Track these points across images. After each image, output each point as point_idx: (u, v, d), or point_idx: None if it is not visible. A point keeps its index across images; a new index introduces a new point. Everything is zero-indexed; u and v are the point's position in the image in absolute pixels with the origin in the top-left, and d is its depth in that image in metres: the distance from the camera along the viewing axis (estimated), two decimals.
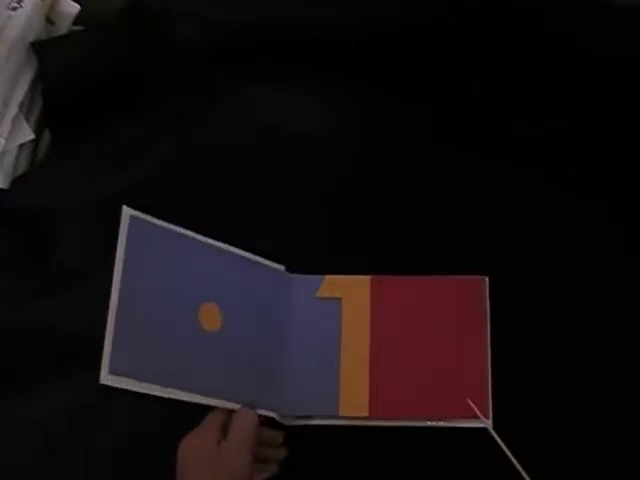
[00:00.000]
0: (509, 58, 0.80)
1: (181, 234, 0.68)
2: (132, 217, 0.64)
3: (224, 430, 0.62)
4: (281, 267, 0.73)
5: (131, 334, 0.62)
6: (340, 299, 0.72)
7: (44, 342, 0.74)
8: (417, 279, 0.72)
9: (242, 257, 0.71)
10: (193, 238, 0.68)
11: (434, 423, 0.69)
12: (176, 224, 0.76)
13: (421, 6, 0.82)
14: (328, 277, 0.73)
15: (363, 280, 0.73)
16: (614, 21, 0.79)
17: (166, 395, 0.62)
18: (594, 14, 0.80)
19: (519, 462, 0.67)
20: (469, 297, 0.71)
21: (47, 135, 0.85)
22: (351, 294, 0.72)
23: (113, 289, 0.62)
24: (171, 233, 0.67)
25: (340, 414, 0.69)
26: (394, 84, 0.82)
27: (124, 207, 0.63)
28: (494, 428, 0.68)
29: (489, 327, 0.71)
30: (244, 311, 0.69)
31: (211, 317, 0.67)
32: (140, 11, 0.85)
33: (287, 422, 0.69)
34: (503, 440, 0.67)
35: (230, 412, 0.63)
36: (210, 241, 0.69)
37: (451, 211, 0.77)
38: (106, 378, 0.60)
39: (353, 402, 0.69)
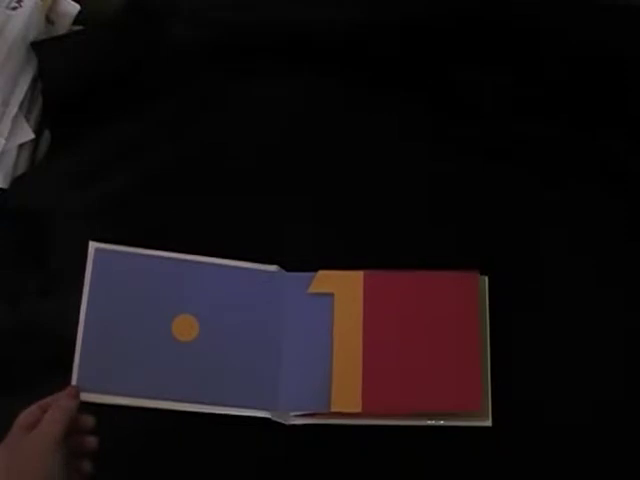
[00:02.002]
0: (509, 59, 0.81)
1: (151, 256, 0.72)
2: (97, 250, 0.71)
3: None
4: (273, 268, 0.73)
5: (98, 353, 0.68)
6: (333, 294, 0.72)
7: (44, 342, 0.74)
8: (410, 274, 0.72)
9: (223, 266, 0.72)
10: (164, 257, 0.72)
11: (434, 423, 0.69)
12: (176, 224, 0.76)
13: (421, 6, 0.82)
14: (320, 273, 0.73)
15: (356, 275, 0.72)
16: (614, 22, 0.79)
17: (141, 405, 0.67)
18: (594, 15, 0.80)
19: (518, 462, 0.67)
20: (463, 292, 0.71)
21: (47, 135, 0.85)
22: (344, 289, 0.72)
23: (81, 314, 0.69)
24: (140, 257, 0.72)
25: (332, 410, 0.69)
26: (394, 84, 0.82)
27: (90, 242, 0.71)
28: (494, 428, 0.68)
29: (488, 326, 0.71)
30: (228, 317, 0.71)
31: (186, 328, 0.70)
32: (140, 11, 0.85)
33: (286, 421, 0.69)
34: (503, 440, 0.67)
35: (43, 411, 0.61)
36: (184, 256, 0.73)
37: (451, 211, 0.77)
38: None
39: (346, 398, 0.69)
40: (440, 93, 0.81)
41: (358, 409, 0.68)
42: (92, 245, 0.71)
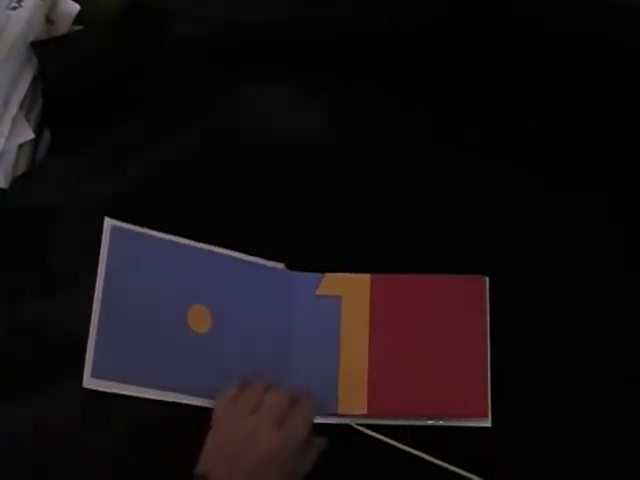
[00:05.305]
0: (509, 59, 0.81)
1: (166, 240, 0.70)
2: (113, 227, 0.67)
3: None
4: (281, 265, 0.73)
5: (114, 339, 0.65)
6: (340, 297, 0.72)
7: (43, 342, 0.74)
8: (417, 277, 0.72)
9: (235, 258, 0.72)
10: (179, 243, 0.70)
11: (434, 423, 0.69)
12: (176, 224, 0.76)
13: (421, 7, 0.82)
14: (328, 275, 0.73)
15: (363, 278, 0.73)
16: (615, 23, 0.80)
17: (153, 397, 0.65)
18: (594, 16, 0.80)
19: (519, 462, 0.67)
20: (469, 296, 0.71)
21: (47, 135, 0.85)
22: (351, 292, 0.72)
23: (95, 297, 0.66)
24: (155, 240, 0.69)
25: (339, 412, 0.69)
26: (394, 84, 0.82)
27: (106, 218, 0.67)
28: (494, 428, 0.68)
29: (489, 326, 0.71)
30: (238, 311, 0.70)
31: (200, 319, 0.69)
32: (140, 11, 0.85)
33: None
34: (503, 441, 0.67)
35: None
36: (198, 245, 0.71)
37: (451, 211, 0.77)
38: (89, 382, 0.65)
39: (352, 400, 0.69)
40: (440, 94, 0.81)
41: (364, 411, 0.69)
42: (108, 222, 0.68)
